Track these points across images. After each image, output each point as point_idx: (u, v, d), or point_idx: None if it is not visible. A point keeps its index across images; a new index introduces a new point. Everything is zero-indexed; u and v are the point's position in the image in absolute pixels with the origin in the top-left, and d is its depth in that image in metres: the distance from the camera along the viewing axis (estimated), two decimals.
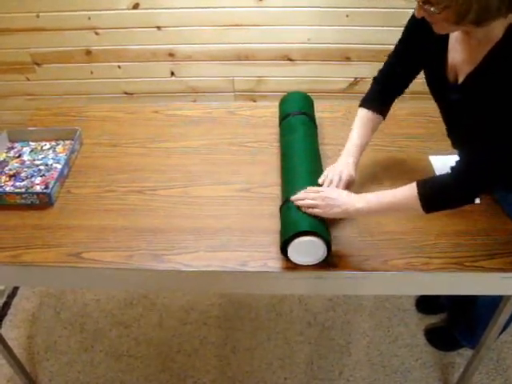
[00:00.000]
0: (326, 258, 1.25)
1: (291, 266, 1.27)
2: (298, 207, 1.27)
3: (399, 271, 1.27)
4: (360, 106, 1.49)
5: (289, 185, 1.38)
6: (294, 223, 1.24)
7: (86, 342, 1.99)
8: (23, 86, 2.51)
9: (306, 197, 1.28)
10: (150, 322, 2.06)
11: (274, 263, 1.28)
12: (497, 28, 1.08)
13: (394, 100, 1.48)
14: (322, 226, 1.25)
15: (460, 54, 1.23)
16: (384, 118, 1.49)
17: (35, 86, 2.51)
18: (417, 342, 1.97)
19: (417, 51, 1.36)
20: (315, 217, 1.25)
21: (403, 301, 2.11)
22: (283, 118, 1.63)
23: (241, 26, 2.25)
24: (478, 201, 1.45)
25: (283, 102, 1.69)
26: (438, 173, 1.54)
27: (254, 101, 2.49)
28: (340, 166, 1.40)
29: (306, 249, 1.23)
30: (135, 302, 2.13)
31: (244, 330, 2.02)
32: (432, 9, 1.02)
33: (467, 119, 1.26)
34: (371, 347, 1.95)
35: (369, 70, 2.35)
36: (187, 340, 1.99)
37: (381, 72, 1.48)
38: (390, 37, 2.23)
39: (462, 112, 1.28)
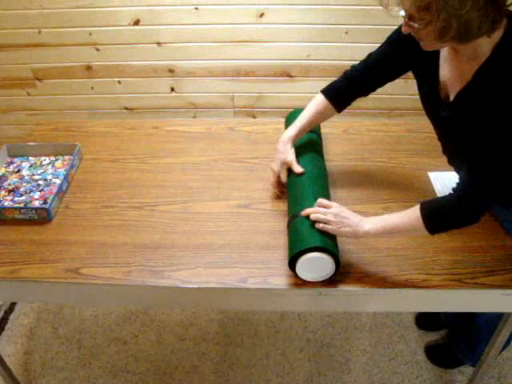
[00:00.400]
0: (334, 274, 1.25)
1: (290, 283, 1.26)
2: (308, 223, 1.26)
3: (398, 288, 1.26)
4: (321, 91, 1.50)
5: (297, 200, 1.38)
6: (304, 239, 1.23)
7: (83, 358, 1.97)
8: (24, 101, 2.52)
9: (317, 211, 1.27)
10: (149, 337, 2.04)
11: (274, 280, 1.28)
12: (484, 46, 1.09)
13: (355, 99, 1.49)
14: (332, 242, 1.24)
15: (450, 72, 1.24)
16: (339, 112, 1.50)
17: (36, 101, 2.52)
18: (417, 359, 1.95)
19: (397, 63, 1.38)
20: (325, 233, 1.24)
21: (403, 317, 2.10)
22: None
23: (241, 42, 2.26)
24: None
25: (289, 119, 1.69)
26: (436, 189, 1.55)
27: (254, 117, 2.50)
28: (281, 154, 1.47)
29: (315, 265, 1.22)
30: (134, 318, 2.12)
31: (243, 346, 2.01)
32: (416, 25, 1.05)
33: (459, 137, 1.27)
34: (371, 364, 1.94)
35: None
36: (186, 356, 1.97)
37: (354, 69, 1.46)
38: None
39: (453, 129, 1.29)
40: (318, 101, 1.49)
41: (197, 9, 2.22)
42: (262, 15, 2.18)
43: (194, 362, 1.95)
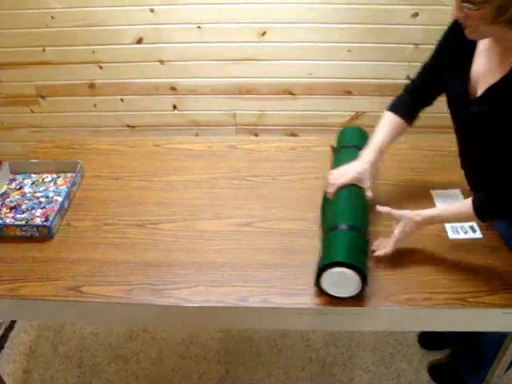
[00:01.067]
0: (361, 292, 1.24)
1: (291, 302, 1.26)
2: (342, 237, 1.27)
3: (400, 307, 1.26)
4: (387, 109, 1.51)
5: (337, 213, 1.36)
6: (333, 252, 1.23)
7: (83, 377, 1.96)
8: (28, 118, 2.54)
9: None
10: (150, 356, 2.03)
11: (274, 299, 1.27)
12: None
13: (420, 110, 1.51)
14: (361, 259, 1.24)
15: (483, 66, 1.26)
16: (409, 125, 1.50)
17: (39, 118, 2.53)
18: (420, 379, 1.93)
19: (446, 67, 1.39)
20: (359, 250, 1.26)
21: (406, 336, 2.08)
22: (337, 150, 1.63)
23: (243, 60, 2.28)
24: (479, 235, 1.44)
25: (340, 136, 1.68)
26: (438, 205, 1.55)
27: (256, 135, 2.51)
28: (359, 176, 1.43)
29: (339, 279, 1.22)
30: (135, 336, 2.10)
31: (245, 364, 1.99)
32: (470, 6, 1.06)
33: (489, 133, 1.28)
34: (374, 383, 1.92)
35: (369, 104, 2.38)
36: (187, 375, 1.95)
37: (412, 81, 1.51)
38: (390, 71, 2.28)
39: (483, 125, 1.29)
40: (389, 118, 1.50)
41: (199, 27, 2.24)
42: (264, 33, 2.19)
43: (195, 380, 1.93)
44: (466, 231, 1.48)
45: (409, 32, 2.16)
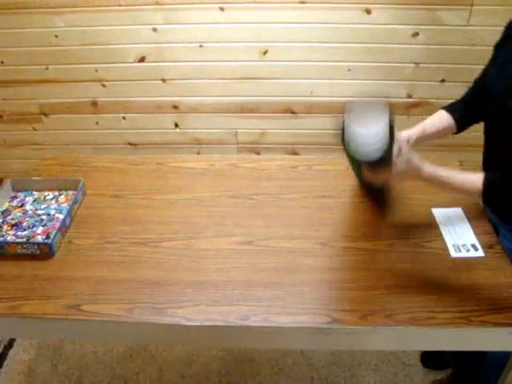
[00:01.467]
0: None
1: (292, 321, 1.25)
2: None
3: (402, 326, 1.25)
4: (444, 108, 1.53)
5: None
6: None
7: None
8: (30, 136, 2.55)
9: None
10: (150, 375, 2.01)
11: (276, 318, 1.26)
12: None
13: (471, 121, 1.52)
14: None
15: None
16: (457, 131, 1.51)
17: (42, 136, 2.55)
18: None
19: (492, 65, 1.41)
20: None
21: (408, 355, 2.06)
22: None
23: (244, 79, 2.30)
24: (481, 253, 1.44)
25: None
26: (440, 225, 1.55)
27: (258, 153, 2.52)
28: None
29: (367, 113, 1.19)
30: (135, 355, 2.09)
31: None
32: None
33: None
34: None
35: None
36: None
37: (467, 90, 1.53)
38: (391, 90, 2.29)
39: None
40: (441, 114, 1.52)
41: (201, 46, 2.26)
42: (265, 52, 2.21)
43: None
44: (468, 249, 1.47)
45: (409, 51, 2.18)
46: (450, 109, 1.53)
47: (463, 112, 1.51)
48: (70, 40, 2.24)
